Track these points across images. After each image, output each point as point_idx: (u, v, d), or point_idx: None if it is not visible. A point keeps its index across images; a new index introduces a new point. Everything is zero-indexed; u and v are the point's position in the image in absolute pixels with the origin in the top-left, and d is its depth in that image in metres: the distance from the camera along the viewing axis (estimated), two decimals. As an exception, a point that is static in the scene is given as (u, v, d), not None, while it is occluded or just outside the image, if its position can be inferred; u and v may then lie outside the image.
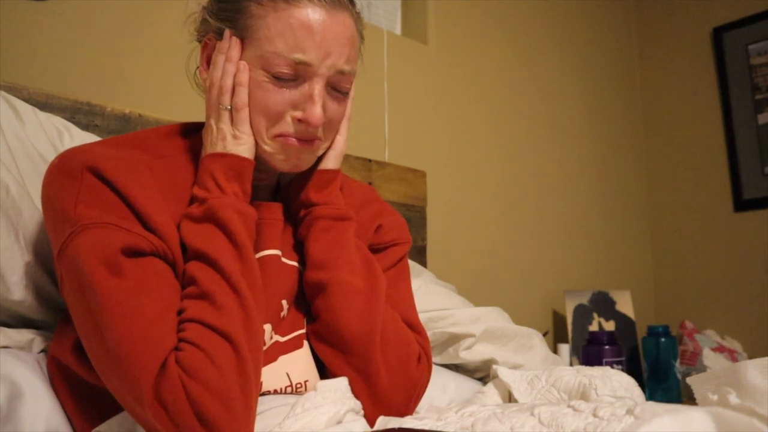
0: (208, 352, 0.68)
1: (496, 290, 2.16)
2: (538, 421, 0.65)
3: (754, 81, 2.62)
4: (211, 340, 0.69)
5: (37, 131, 1.05)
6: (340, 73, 0.82)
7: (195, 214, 0.78)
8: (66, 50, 1.34)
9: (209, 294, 0.72)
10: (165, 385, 0.66)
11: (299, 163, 0.85)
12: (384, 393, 0.84)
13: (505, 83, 2.37)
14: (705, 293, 2.67)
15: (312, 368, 0.88)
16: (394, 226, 1.00)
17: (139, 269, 0.72)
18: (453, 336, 1.37)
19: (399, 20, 2.22)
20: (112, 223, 0.72)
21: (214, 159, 0.81)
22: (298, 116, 0.81)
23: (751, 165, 2.60)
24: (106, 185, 0.74)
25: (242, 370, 0.69)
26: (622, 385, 0.95)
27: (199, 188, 0.80)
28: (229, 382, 0.68)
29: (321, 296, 0.86)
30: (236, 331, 0.71)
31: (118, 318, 0.68)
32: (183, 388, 0.66)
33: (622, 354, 1.83)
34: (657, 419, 0.55)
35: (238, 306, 0.72)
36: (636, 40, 3.00)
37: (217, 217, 0.77)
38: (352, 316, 0.84)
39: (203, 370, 0.67)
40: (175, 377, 0.66)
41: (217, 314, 0.71)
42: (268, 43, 0.79)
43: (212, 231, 0.76)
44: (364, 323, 0.84)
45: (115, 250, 0.71)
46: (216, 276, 0.73)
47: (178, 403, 0.66)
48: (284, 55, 0.78)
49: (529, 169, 2.40)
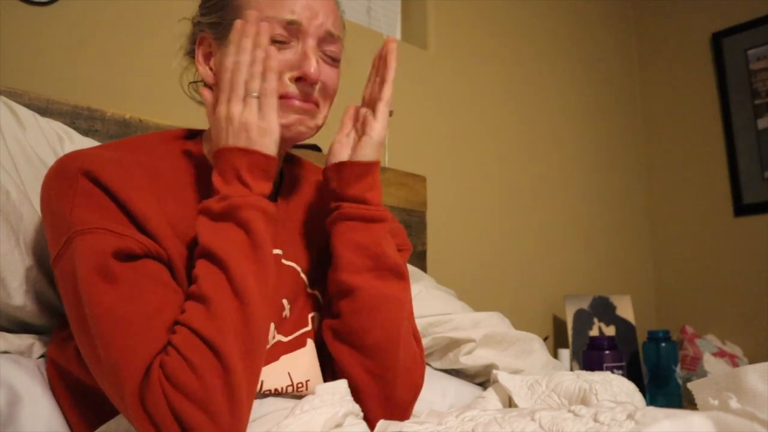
0: (189, 360, 0.67)
1: (496, 295, 2.16)
2: (538, 425, 0.65)
3: (753, 86, 2.62)
4: (195, 347, 0.68)
5: (38, 136, 1.05)
6: (329, 34, 0.85)
7: (214, 210, 0.75)
8: (66, 55, 1.34)
9: (206, 298, 0.71)
10: (147, 390, 0.67)
11: (300, 129, 0.86)
12: (396, 399, 0.86)
13: (504, 88, 2.38)
14: (705, 298, 2.66)
15: (314, 368, 0.88)
16: (398, 232, 1.01)
17: (132, 273, 0.72)
18: (453, 341, 1.37)
19: (399, 25, 2.22)
20: (104, 228, 0.73)
21: (240, 154, 0.77)
22: (296, 75, 0.83)
23: (751, 170, 2.60)
24: (101, 189, 0.75)
25: (228, 380, 0.68)
26: (623, 390, 0.95)
27: (222, 183, 0.77)
28: (210, 391, 0.67)
29: (347, 299, 0.85)
30: (225, 339, 0.69)
31: (106, 326, 0.69)
32: (163, 394, 0.66)
33: (622, 359, 1.83)
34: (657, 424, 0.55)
35: (236, 312, 0.71)
36: (636, 45, 3.00)
37: (240, 217, 0.75)
38: (378, 323, 0.84)
39: (183, 378, 0.67)
40: (156, 382, 0.67)
41: (208, 320, 0.69)
42: (259, 12, 0.81)
43: (230, 230, 0.74)
44: (388, 331, 0.84)
45: (106, 256, 0.71)
46: (220, 278, 0.72)
47: (159, 408, 0.66)
48: (276, 17, 0.81)
49: (529, 174, 2.41)
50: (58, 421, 0.82)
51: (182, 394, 0.66)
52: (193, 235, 0.79)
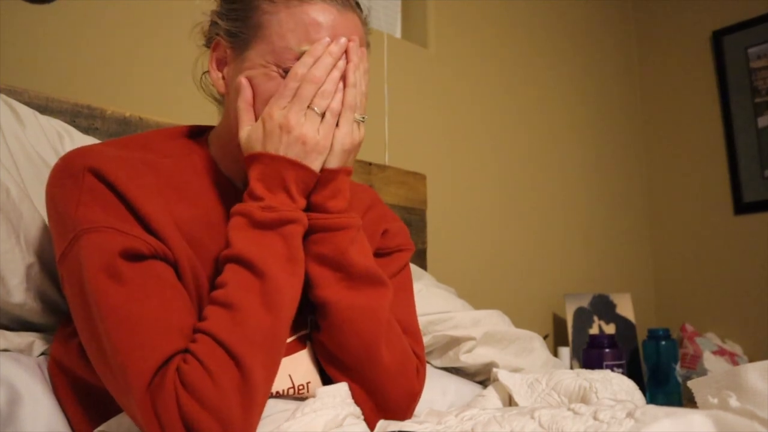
0: (208, 368, 0.67)
1: (496, 293, 2.16)
2: (538, 424, 0.65)
3: (753, 84, 2.62)
4: (218, 358, 0.67)
5: (38, 134, 1.05)
6: None
7: (258, 218, 0.75)
8: (66, 53, 1.34)
9: (234, 305, 0.70)
10: (160, 394, 0.66)
11: None
12: (390, 405, 0.84)
13: (504, 86, 2.38)
14: (705, 296, 2.67)
15: (314, 370, 0.87)
16: (400, 231, 1.00)
17: (139, 274, 0.72)
18: (453, 339, 1.37)
19: (399, 23, 2.22)
20: (111, 227, 0.72)
21: (289, 165, 0.76)
22: None
23: (751, 168, 2.60)
24: (107, 187, 0.75)
25: (248, 394, 0.67)
26: (623, 388, 0.95)
27: (265, 190, 0.76)
28: (227, 401, 0.66)
29: (321, 315, 0.83)
30: (251, 353, 0.68)
31: (114, 326, 0.69)
32: (177, 400, 0.66)
33: (622, 357, 1.83)
34: (657, 422, 0.55)
35: (265, 324, 0.70)
36: (636, 44, 3.00)
37: (286, 230, 0.75)
38: (353, 335, 0.81)
39: (200, 385, 0.66)
40: (171, 388, 0.66)
41: (234, 330, 0.69)
42: (280, 39, 0.79)
43: (274, 241, 0.74)
44: (365, 341, 0.82)
45: (114, 255, 0.71)
46: (254, 287, 0.71)
47: (170, 414, 0.65)
48: (296, 49, 0.79)
49: (529, 173, 2.41)
50: (58, 419, 0.82)
51: (197, 401, 0.66)
52: (199, 236, 0.79)
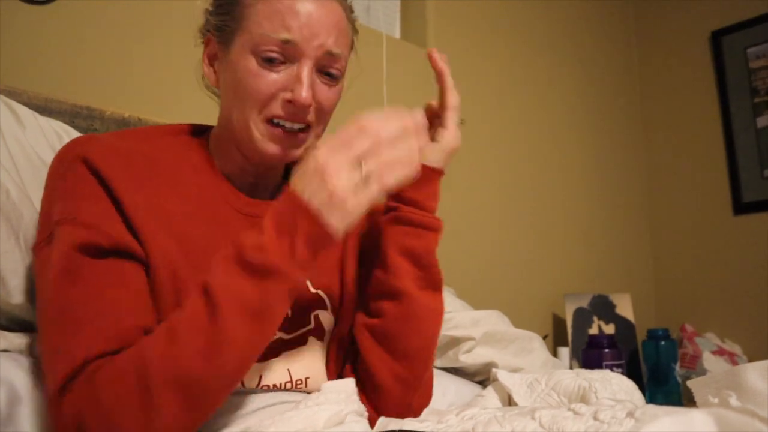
0: (119, 395, 0.64)
1: (496, 293, 2.16)
2: (539, 424, 0.65)
3: (752, 84, 2.62)
4: (128, 384, 0.64)
5: (37, 135, 1.05)
6: (329, 54, 0.82)
7: (245, 256, 0.67)
8: (65, 54, 1.34)
9: (176, 338, 0.65)
10: (65, 401, 0.65)
11: (287, 153, 0.84)
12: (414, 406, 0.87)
13: (504, 87, 2.37)
14: (705, 296, 2.67)
15: (315, 366, 0.88)
16: None
17: (91, 270, 0.71)
18: (453, 339, 1.37)
19: (398, 24, 2.22)
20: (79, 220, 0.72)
21: (308, 217, 0.67)
22: (287, 97, 0.81)
23: (750, 168, 2.60)
24: (96, 177, 0.75)
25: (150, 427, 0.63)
26: (622, 388, 0.95)
27: (273, 230, 0.68)
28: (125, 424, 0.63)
29: (392, 302, 0.86)
30: (166, 390, 0.63)
31: (49, 322, 0.70)
32: (78, 410, 0.64)
33: (622, 357, 1.83)
34: (658, 421, 0.55)
35: (197, 372, 0.64)
36: (635, 44, 3.00)
37: (267, 283, 0.67)
38: (419, 332, 0.85)
39: (103, 397, 0.64)
40: (77, 397, 0.65)
41: (163, 362, 0.64)
42: (257, 26, 0.80)
43: (247, 289, 0.66)
44: (426, 342, 0.86)
45: (72, 249, 0.71)
46: (204, 328, 0.65)
47: (66, 420, 0.65)
48: (271, 35, 0.79)
49: (529, 173, 2.40)
50: (58, 419, 0.82)
51: (96, 415, 0.64)
52: (190, 233, 0.79)
